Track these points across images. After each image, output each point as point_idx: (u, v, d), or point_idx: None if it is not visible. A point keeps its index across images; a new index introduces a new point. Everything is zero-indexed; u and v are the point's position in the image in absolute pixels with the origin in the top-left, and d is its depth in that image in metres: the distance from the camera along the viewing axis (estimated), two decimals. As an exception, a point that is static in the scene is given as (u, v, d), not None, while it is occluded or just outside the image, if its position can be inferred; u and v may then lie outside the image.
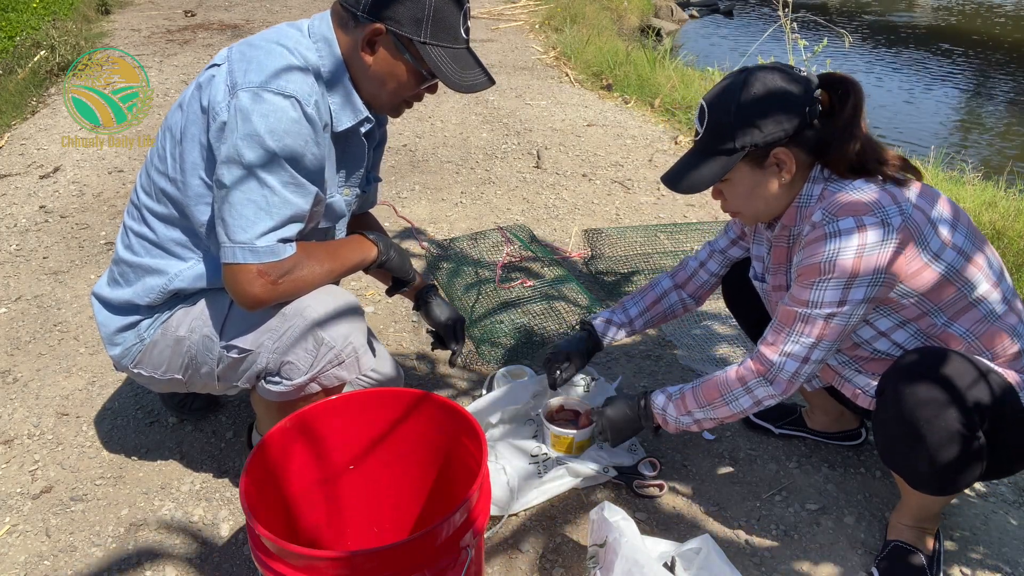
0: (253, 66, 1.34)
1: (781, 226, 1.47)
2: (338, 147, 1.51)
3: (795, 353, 1.37)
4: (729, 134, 1.35)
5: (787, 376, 1.39)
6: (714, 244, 1.78)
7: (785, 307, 1.39)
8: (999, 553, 1.58)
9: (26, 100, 4.85)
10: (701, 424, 1.52)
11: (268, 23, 6.92)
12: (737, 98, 1.34)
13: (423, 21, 1.37)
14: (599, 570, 1.36)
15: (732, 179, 1.41)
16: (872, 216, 1.28)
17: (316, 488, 1.42)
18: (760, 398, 1.42)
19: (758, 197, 1.42)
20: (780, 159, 1.36)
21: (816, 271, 1.31)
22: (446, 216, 3.24)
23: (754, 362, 1.42)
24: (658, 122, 4.48)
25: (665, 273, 1.84)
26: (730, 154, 1.36)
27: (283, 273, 1.37)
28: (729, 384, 1.45)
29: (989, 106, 7.08)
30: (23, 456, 1.91)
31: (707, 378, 1.50)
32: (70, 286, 2.71)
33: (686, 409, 1.51)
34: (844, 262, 1.28)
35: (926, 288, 1.32)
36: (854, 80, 1.36)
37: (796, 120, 1.32)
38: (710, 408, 1.48)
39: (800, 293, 1.35)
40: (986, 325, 1.35)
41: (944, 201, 1.37)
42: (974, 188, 3.47)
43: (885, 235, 1.27)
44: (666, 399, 1.55)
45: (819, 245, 1.31)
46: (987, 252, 1.38)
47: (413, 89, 1.48)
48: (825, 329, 1.34)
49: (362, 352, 1.50)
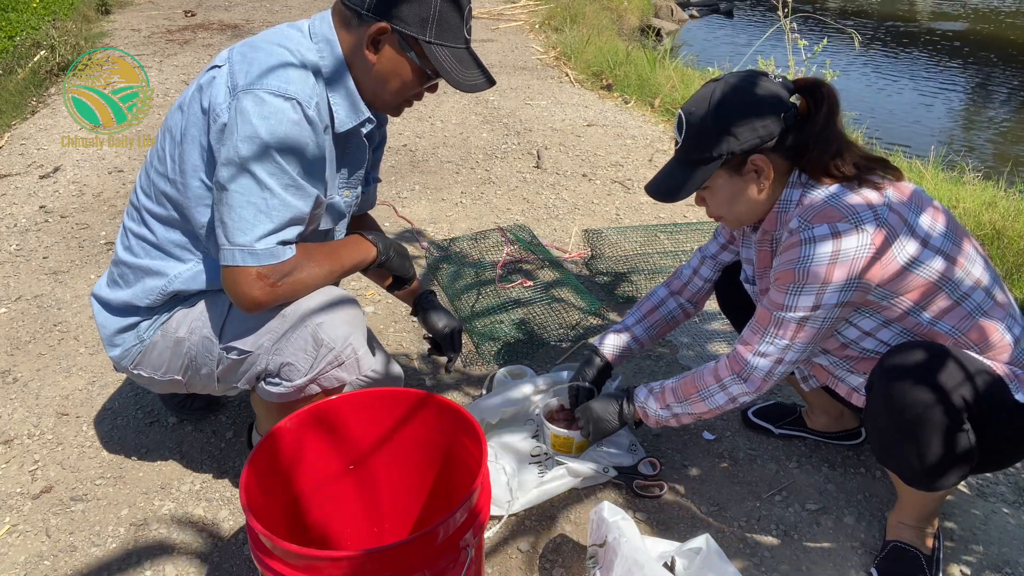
0: (254, 67, 1.34)
1: (763, 231, 1.49)
2: (339, 148, 1.51)
3: (769, 353, 1.40)
4: (707, 143, 1.37)
5: (760, 375, 1.43)
6: (704, 250, 1.80)
7: (762, 308, 1.43)
8: (999, 553, 1.58)
9: (26, 100, 4.85)
10: (680, 419, 1.55)
11: (268, 23, 6.92)
12: (713, 107, 1.36)
13: (429, 21, 1.37)
14: (599, 570, 1.36)
15: (712, 187, 1.44)
16: (846, 223, 1.29)
17: (316, 488, 1.42)
18: (734, 395, 1.46)
19: (738, 203, 1.44)
20: (758, 166, 1.38)
21: (790, 276, 1.34)
22: (446, 216, 3.24)
23: (730, 361, 1.46)
24: (658, 122, 4.48)
25: (660, 284, 1.86)
26: (708, 163, 1.39)
27: (282, 276, 1.37)
28: (706, 381, 1.49)
29: (989, 106, 7.08)
30: (23, 456, 1.91)
31: (687, 374, 1.55)
32: (70, 286, 2.71)
33: (665, 403, 1.55)
34: (818, 269, 1.31)
35: (906, 290, 1.33)
36: (828, 84, 1.38)
37: (772, 126, 1.35)
38: (687, 403, 1.52)
39: (776, 296, 1.38)
40: (972, 321, 1.35)
41: (923, 200, 1.38)
42: (974, 188, 3.46)
43: (859, 241, 1.29)
44: (647, 393, 1.59)
45: (794, 251, 1.33)
46: (969, 248, 1.38)
47: (416, 88, 1.48)
48: (799, 332, 1.37)
49: (362, 353, 1.50)
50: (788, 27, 3.82)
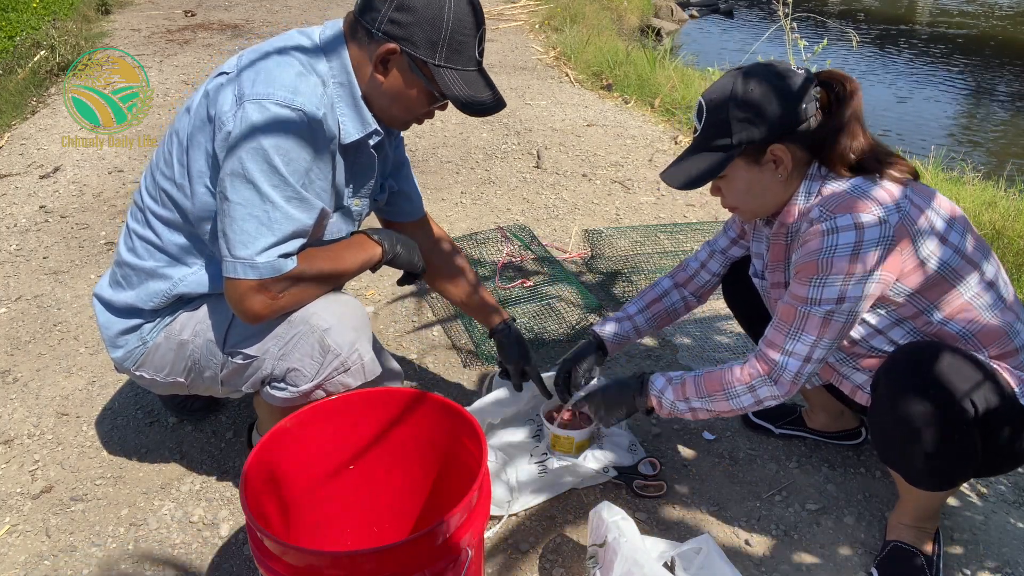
0: (261, 76, 1.32)
1: (779, 223, 1.47)
2: (347, 159, 1.49)
3: (797, 352, 1.37)
4: (726, 131, 1.35)
5: (790, 376, 1.38)
6: (714, 244, 1.78)
7: (784, 305, 1.39)
8: (999, 553, 1.58)
9: (26, 100, 4.85)
10: (696, 414, 1.50)
11: (268, 23, 6.92)
12: (734, 95, 1.34)
13: (439, 44, 1.35)
14: (599, 570, 1.36)
15: (730, 175, 1.41)
16: (869, 214, 1.28)
17: (316, 488, 1.42)
18: (762, 397, 1.42)
19: (755, 193, 1.42)
20: (777, 156, 1.36)
21: (813, 268, 1.32)
22: (446, 216, 3.24)
23: (759, 361, 1.42)
24: (658, 122, 4.48)
25: (665, 275, 1.84)
26: (727, 150, 1.37)
27: (283, 288, 1.36)
28: (734, 380, 1.44)
29: (989, 106, 7.08)
30: (23, 456, 1.91)
31: (711, 370, 1.49)
32: (70, 286, 2.71)
33: (684, 395, 1.49)
34: (841, 261, 1.29)
35: (921, 286, 1.33)
36: (852, 78, 1.36)
37: (793, 117, 1.33)
38: (709, 399, 1.47)
39: (799, 290, 1.35)
40: (982, 323, 1.35)
41: (941, 199, 1.38)
42: (974, 188, 3.46)
43: (882, 233, 1.27)
44: (666, 382, 1.53)
45: (816, 242, 1.31)
46: (983, 250, 1.38)
47: (423, 108, 1.46)
48: (825, 328, 1.34)
49: (368, 359, 1.49)
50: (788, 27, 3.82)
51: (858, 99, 1.35)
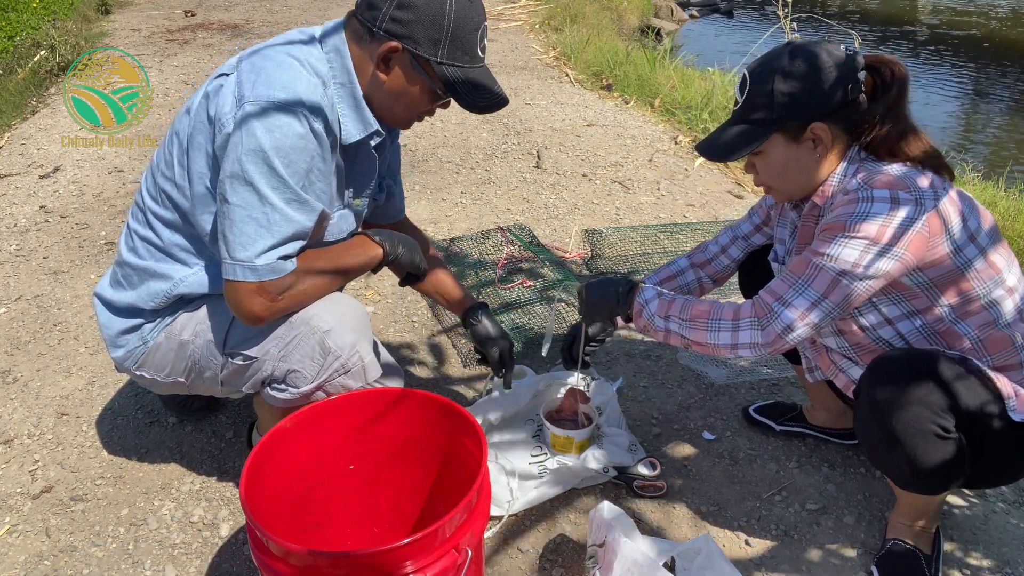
0: (262, 78, 1.32)
1: (811, 204, 1.44)
2: (347, 160, 1.48)
3: (796, 305, 1.31)
4: (767, 104, 1.33)
5: (780, 328, 1.32)
6: (737, 230, 1.76)
7: (798, 259, 1.35)
8: (999, 553, 1.58)
9: (26, 100, 4.85)
10: (669, 336, 1.44)
11: (268, 23, 6.92)
12: (779, 69, 1.32)
13: (441, 42, 1.35)
14: (599, 570, 1.36)
15: (767, 151, 1.39)
16: (908, 193, 1.27)
17: (316, 488, 1.42)
18: (742, 341, 1.35)
19: (792, 172, 1.40)
20: (817, 134, 1.34)
21: (840, 228, 1.29)
22: (446, 216, 3.24)
23: (755, 304, 1.37)
24: (658, 122, 4.48)
25: (682, 255, 1.81)
26: (766, 125, 1.35)
27: (283, 290, 1.36)
28: (721, 313, 1.38)
29: (988, 106, 7.08)
30: (23, 456, 1.91)
31: (703, 299, 1.45)
32: (70, 286, 2.71)
33: (666, 312, 1.44)
34: (870, 225, 1.26)
35: (941, 278, 1.31)
36: (900, 63, 1.34)
37: (837, 96, 1.31)
38: (689, 325, 1.41)
39: (819, 246, 1.31)
40: (993, 330, 1.34)
41: (974, 201, 1.36)
42: (974, 188, 3.46)
43: (916, 213, 1.26)
44: (655, 294, 1.48)
45: (850, 207, 1.29)
46: (1008, 259, 1.36)
47: (427, 106, 1.46)
48: (832, 287, 1.29)
49: (368, 361, 1.49)
50: (788, 27, 3.82)
51: (906, 85, 1.33)
